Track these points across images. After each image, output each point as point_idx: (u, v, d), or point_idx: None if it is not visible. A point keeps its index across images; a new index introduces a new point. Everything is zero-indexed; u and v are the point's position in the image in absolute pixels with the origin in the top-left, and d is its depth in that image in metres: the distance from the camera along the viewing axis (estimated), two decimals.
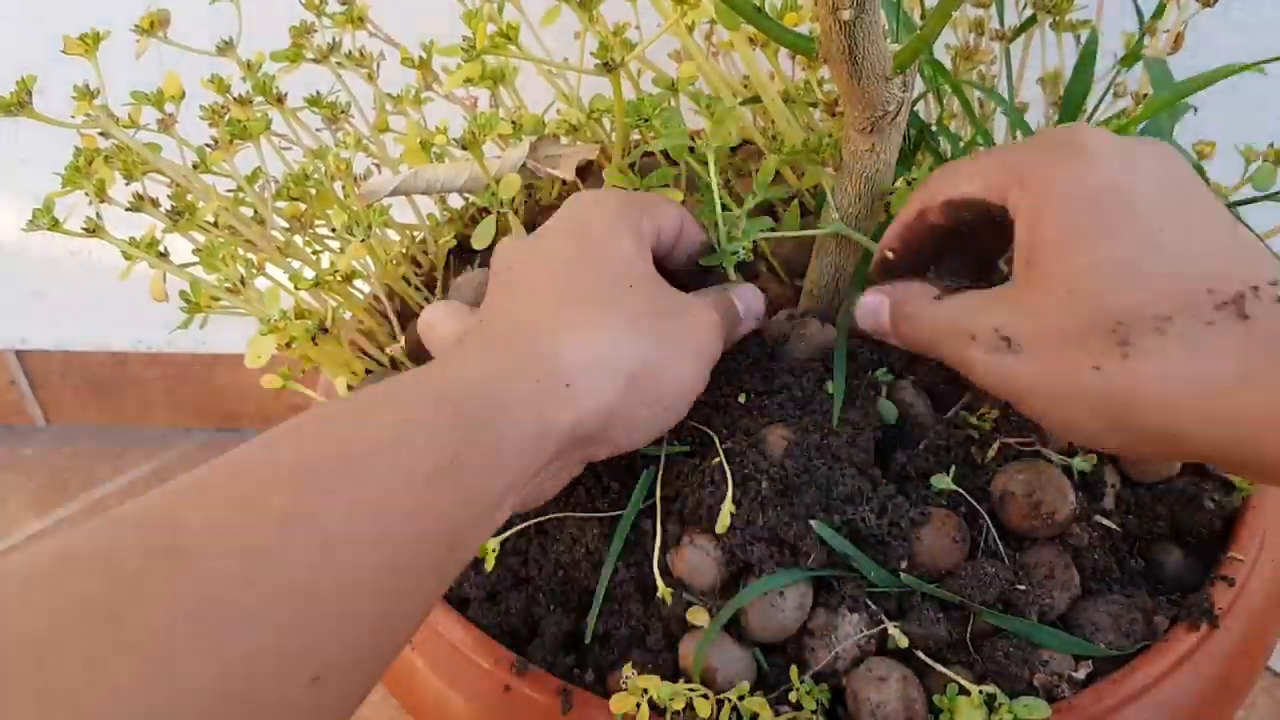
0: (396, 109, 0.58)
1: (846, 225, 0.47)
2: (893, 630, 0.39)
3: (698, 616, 0.40)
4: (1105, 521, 0.43)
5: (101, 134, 0.50)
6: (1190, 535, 0.44)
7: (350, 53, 0.57)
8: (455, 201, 0.62)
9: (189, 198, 0.50)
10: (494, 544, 0.44)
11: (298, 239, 0.53)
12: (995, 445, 0.43)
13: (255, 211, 0.52)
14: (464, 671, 0.40)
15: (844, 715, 0.39)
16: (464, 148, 0.49)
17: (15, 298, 1.11)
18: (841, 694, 0.39)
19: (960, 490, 0.42)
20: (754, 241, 0.48)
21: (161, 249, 0.49)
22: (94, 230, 0.47)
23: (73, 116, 0.49)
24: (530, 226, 0.60)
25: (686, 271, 0.48)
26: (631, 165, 0.58)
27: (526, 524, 0.45)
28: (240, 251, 0.49)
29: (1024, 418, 0.44)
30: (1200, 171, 0.46)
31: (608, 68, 0.47)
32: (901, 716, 0.37)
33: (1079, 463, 0.43)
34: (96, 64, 0.49)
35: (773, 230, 0.49)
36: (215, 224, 0.52)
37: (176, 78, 0.52)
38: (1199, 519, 0.44)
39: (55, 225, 0.46)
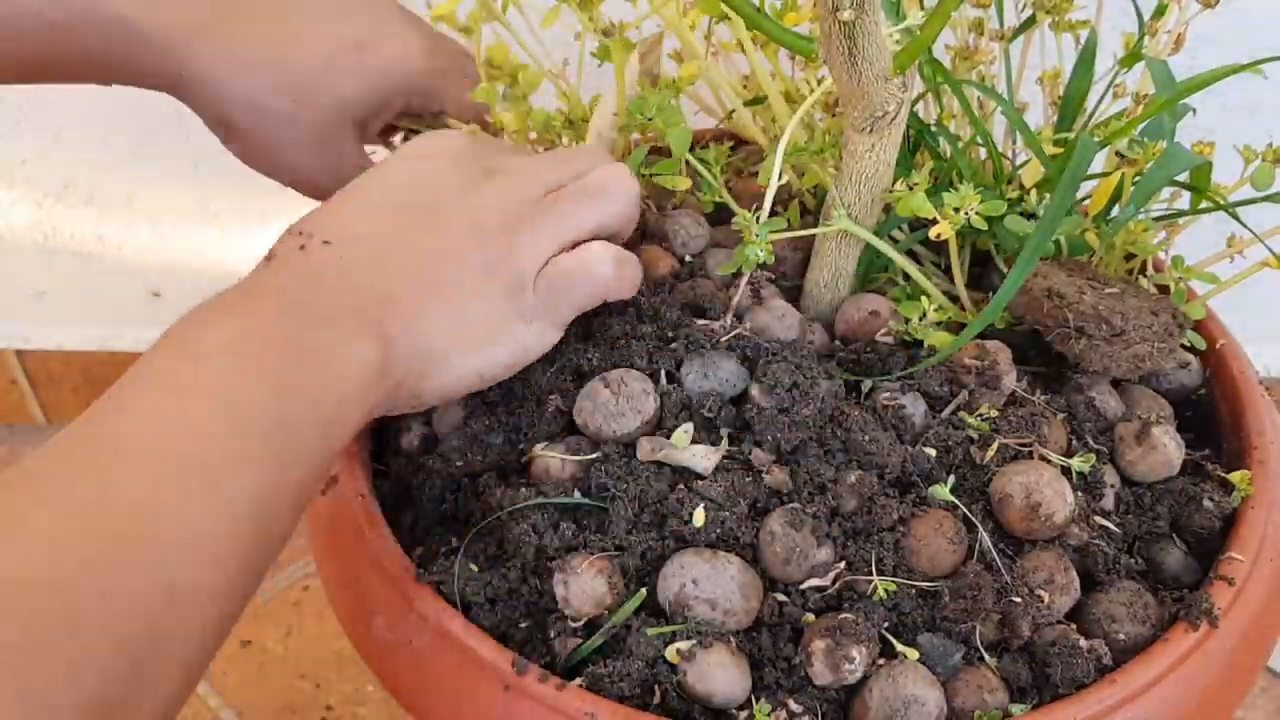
0: None
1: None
2: (901, 648, 0.39)
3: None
4: (1104, 522, 0.43)
5: None
6: (1189, 535, 0.44)
7: None
8: None
9: None
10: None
11: None
12: (994, 446, 0.43)
13: None
14: (464, 670, 0.40)
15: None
16: None
17: (16, 298, 1.11)
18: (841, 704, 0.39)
19: (957, 502, 0.42)
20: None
21: None
22: None
23: None
24: None
25: None
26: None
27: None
28: None
29: (1023, 418, 0.44)
30: None
31: (606, 34, 0.47)
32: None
33: (1078, 463, 0.43)
34: None
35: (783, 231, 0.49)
36: None
37: None
38: (1198, 519, 0.44)
39: None
